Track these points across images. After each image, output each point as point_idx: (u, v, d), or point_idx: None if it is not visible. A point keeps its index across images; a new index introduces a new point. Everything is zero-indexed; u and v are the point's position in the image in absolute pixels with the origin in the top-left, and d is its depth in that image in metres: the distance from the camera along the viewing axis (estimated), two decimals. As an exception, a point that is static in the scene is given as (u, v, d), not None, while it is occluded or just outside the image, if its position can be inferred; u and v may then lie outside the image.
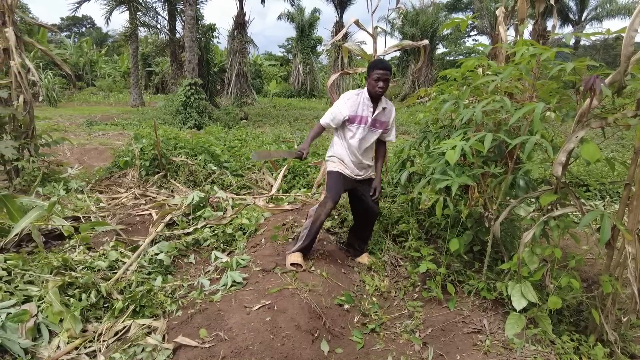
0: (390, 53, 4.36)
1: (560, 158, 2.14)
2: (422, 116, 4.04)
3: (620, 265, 2.44)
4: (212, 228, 3.88)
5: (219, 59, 27.83)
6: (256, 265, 3.17)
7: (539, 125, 1.99)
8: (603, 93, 2.05)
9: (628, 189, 2.39)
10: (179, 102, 13.79)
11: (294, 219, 4.01)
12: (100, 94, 28.75)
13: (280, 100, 27.61)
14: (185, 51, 14.13)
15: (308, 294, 2.78)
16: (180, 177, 5.65)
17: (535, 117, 1.98)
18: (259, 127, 12.95)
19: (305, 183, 5.57)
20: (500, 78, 2.39)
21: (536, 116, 1.98)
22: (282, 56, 48.30)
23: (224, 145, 6.66)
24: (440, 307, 2.92)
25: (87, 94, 28.72)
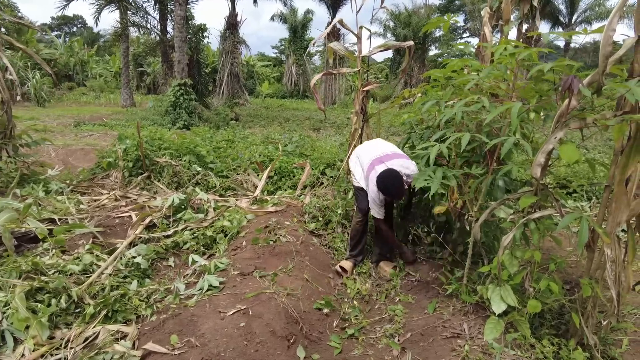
0: (376, 53, 4.31)
1: (539, 159, 2.10)
2: (406, 117, 4.01)
3: (600, 267, 2.41)
4: (192, 231, 3.80)
5: (211, 60, 27.69)
6: (235, 269, 3.10)
7: (516, 124, 1.95)
8: (582, 93, 2.01)
9: (608, 190, 2.36)
10: (168, 102, 13.67)
11: (277, 221, 3.95)
12: (91, 94, 28.46)
13: (273, 101, 27.51)
14: (175, 51, 14.02)
15: (286, 299, 2.72)
16: (164, 179, 5.56)
17: (513, 116, 1.94)
18: (249, 128, 12.86)
19: (292, 184, 5.51)
20: (479, 77, 2.35)
21: (513, 115, 1.94)
22: (275, 57, 48.19)
23: (210, 146, 6.57)
24: (421, 311, 2.88)
25: (77, 94, 28.42)
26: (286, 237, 3.63)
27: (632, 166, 1.99)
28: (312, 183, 5.46)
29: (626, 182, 2.20)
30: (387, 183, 3.09)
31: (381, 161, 3.26)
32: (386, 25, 29.09)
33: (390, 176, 3.10)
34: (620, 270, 2.33)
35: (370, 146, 3.64)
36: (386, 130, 12.16)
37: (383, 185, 3.10)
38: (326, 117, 5.16)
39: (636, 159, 1.98)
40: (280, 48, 48.11)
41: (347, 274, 3.44)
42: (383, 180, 3.10)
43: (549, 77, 2.41)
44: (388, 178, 3.10)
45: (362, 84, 4.35)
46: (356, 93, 4.46)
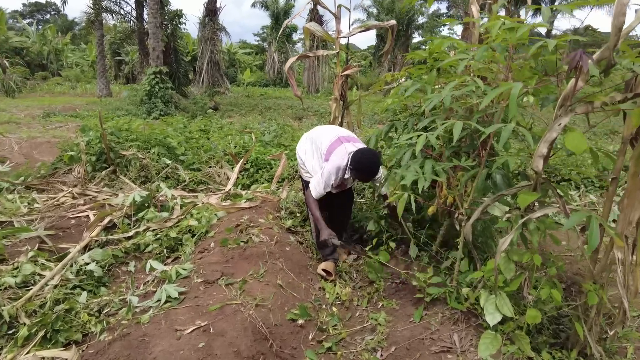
0: (356, 34, 3.97)
1: (541, 150, 1.81)
2: (389, 102, 3.68)
3: (605, 270, 2.15)
4: (155, 231, 3.44)
5: (191, 48, 26.86)
6: (199, 276, 2.77)
7: (515, 109, 1.65)
8: (589, 72, 1.71)
9: (614, 183, 2.09)
10: (143, 91, 13.09)
11: (251, 218, 3.61)
12: (67, 85, 27.43)
13: (255, 90, 26.93)
14: (149, 38, 13.38)
15: (254, 311, 2.39)
16: (131, 173, 5.15)
17: (512, 99, 1.63)
18: (228, 117, 12.41)
19: (269, 176, 5.16)
20: (472, 56, 2.03)
21: (512, 98, 1.63)
22: (257, 45, 47.18)
23: (182, 137, 6.16)
24: (407, 319, 2.59)
25: (52, 84, 27.34)
26: (259, 236, 3.30)
27: (649, 156, 1.71)
28: (291, 175, 5.13)
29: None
30: (366, 161, 2.86)
31: (349, 141, 3.10)
32: (369, 12, 28.65)
33: (371, 154, 2.90)
34: (628, 273, 2.07)
35: (329, 128, 3.46)
36: (369, 118, 11.86)
37: (361, 162, 2.87)
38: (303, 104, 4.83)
39: (655, 148, 1.69)
40: (262, 35, 47.08)
41: (332, 275, 3.14)
42: (363, 155, 2.88)
43: (551, 56, 2.10)
44: (369, 155, 2.88)
45: (341, 68, 4.01)
46: (335, 78, 4.12)
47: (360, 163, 2.89)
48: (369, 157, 2.89)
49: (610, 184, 2.09)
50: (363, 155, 2.91)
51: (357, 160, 2.90)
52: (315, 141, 3.31)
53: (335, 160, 3.01)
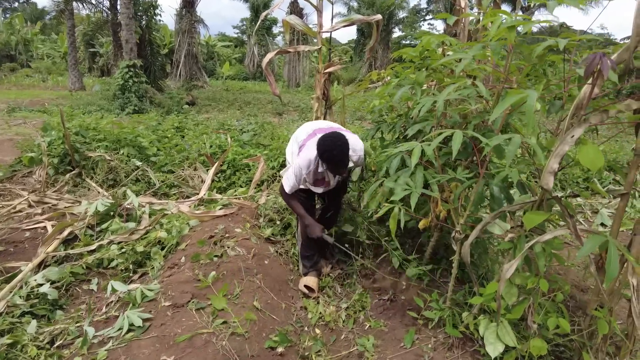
0: (339, 28, 3.70)
1: (551, 165, 1.59)
2: (376, 104, 3.45)
3: (615, 294, 1.97)
4: (120, 244, 3.13)
5: (168, 40, 26.07)
6: (166, 298, 2.48)
7: (532, 120, 1.42)
8: (610, 78, 1.50)
9: (625, 199, 1.90)
10: (116, 86, 12.52)
11: (226, 227, 3.33)
12: (37, 77, 26.28)
13: (234, 83, 26.37)
14: (122, 30, 12.79)
15: (228, 340, 2.13)
16: (98, 176, 4.78)
17: (528, 111, 1.40)
18: (205, 113, 11.99)
19: (248, 179, 4.87)
20: (470, 55, 1.80)
21: (529, 110, 1.40)
22: (237, 37, 46.31)
23: (154, 136, 5.79)
24: (397, 343, 2.37)
25: (21, 76, 26.16)
26: (235, 249, 3.03)
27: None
28: (271, 178, 4.85)
29: None
30: (329, 146, 2.50)
31: (324, 130, 2.77)
32: (350, 6, 28.33)
33: (336, 138, 2.53)
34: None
35: (311, 123, 3.15)
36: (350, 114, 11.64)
37: (324, 149, 2.51)
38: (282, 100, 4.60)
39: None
40: (241, 28, 46.24)
41: (315, 292, 2.90)
42: (325, 142, 2.52)
43: (555, 57, 1.89)
44: (332, 140, 2.52)
45: (324, 65, 3.75)
46: (317, 76, 3.85)
47: (324, 150, 2.52)
48: (334, 142, 2.52)
49: (621, 199, 1.90)
50: (326, 140, 2.54)
51: (321, 147, 2.53)
52: (296, 139, 3.03)
53: (305, 152, 2.72)
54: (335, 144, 2.51)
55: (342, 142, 2.52)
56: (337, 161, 2.55)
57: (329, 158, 2.54)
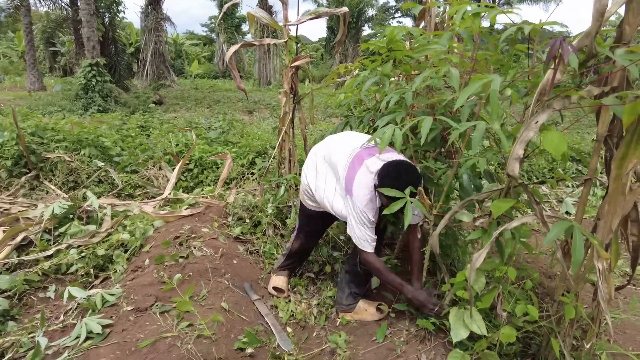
0: (305, 21, 3.64)
1: (516, 151, 1.58)
2: (342, 97, 3.41)
3: (581, 279, 2.00)
4: (79, 249, 2.97)
5: (134, 39, 25.34)
6: (129, 302, 2.36)
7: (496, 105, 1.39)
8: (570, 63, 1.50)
9: (588, 184, 1.93)
10: (78, 85, 12.04)
11: (192, 227, 3.22)
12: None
13: (203, 82, 25.89)
14: (83, 27, 12.29)
15: (194, 344, 2.04)
16: (57, 178, 4.56)
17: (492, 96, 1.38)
18: (173, 112, 11.70)
19: (216, 177, 4.75)
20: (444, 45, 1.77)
21: (493, 95, 1.38)
22: (206, 35, 45.49)
23: (117, 136, 5.57)
24: (368, 338, 2.33)
25: (-26, 77, 24.83)
26: (202, 249, 2.93)
27: (633, 158, 1.53)
28: (240, 175, 4.75)
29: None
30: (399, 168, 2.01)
31: (371, 154, 2.19)
32: (319, 3, 28.30)
33: (404, 165, 2.05)
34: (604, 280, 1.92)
35: (345, 138, 2.47)
36: (321, 111, 11.61)
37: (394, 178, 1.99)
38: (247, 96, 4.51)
39: (639, 149, 1.51)
40: (210, 26, 45.43)
41: (285, 293, 2.81)
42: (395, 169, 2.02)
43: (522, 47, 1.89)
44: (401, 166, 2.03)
45: (291, 59, 3.68)
46: (285, 70, 3.78)
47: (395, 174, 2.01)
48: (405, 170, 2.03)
49: (584, 185, 1.92)
50: (394, 169, 2.03)
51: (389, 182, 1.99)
52: (330, 157, 2.39)
53: (360, 189, 2.13)
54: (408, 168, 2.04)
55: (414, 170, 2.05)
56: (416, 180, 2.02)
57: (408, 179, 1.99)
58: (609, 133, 1.83)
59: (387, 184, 1.99)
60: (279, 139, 3.93)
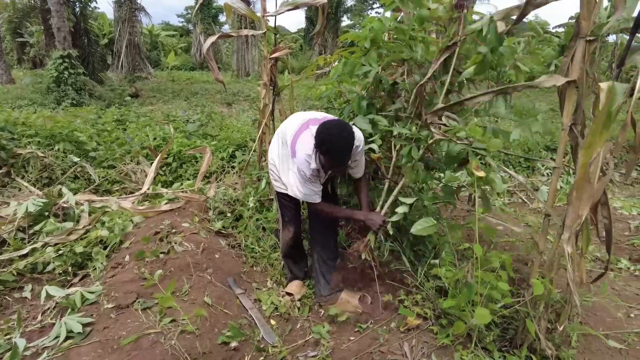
0: (284, 12, 3.61)
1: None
2: (322, 89, 3.41)
3: (553, 262, 2.07)
4: (56, 246, 2.90)
5: (107, 30, 24.60)
6: (109, 300, 2.33)
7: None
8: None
9: (557, 172, 1.99)
10: (50, 78, 11.62)
11: (172, 222, 3.18)
12: (-44, 70, 23.91)
13: (181, 74, 25.37)
14: (53, 17, 11.85)
15: (177, 339, 2.03)
16: (31, 174, 4.42)
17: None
18: (150, 105, 11.45)
19: (195, 171, 4.69)
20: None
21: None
22: (182, 26, 44.49)
23: (93, 130, 5.43)
24: (352, 329, 2.37)
25: (-63, 69, 23.68)
26: (183, 244, 2.91)
27: (598, 146, 1.58)
28: (220, 169, 4.71)
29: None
30: (334, 135, 2.07)
31: (318, 121, 2.28)
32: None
33: (342, 127, 2.11)
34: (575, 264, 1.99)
35: (299, 114, 2.64)
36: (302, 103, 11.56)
37: (326, 139, 2.07)
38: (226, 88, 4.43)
39: (604, 137, 1.57)
40: (186, 17, 44.42)
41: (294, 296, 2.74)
42: (328, 130, 2.09)
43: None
44: (337, 128, 2.09)
45: (270, 50, 3.65)
46: (264, 61, 3.74)
47: (325, 139, 2.07)
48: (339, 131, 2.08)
49: (553, 173, 1.98)
50: (330, 129, 2.09)
51: (323, 136, 2.08)
52: (283, 136, 2.52)
53: (301, 149, 2.26)
54: (340, 134, 2.09)
55: (349, 132, 2.13)
56: (340, 155, 2.11)
57: (329, 150, 2.09)
58: (573, 122, 1.90)
59: (322, 142, 2.08)
60: (259, 131, 3.91)
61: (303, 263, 2.95)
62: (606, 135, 1.62)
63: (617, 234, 4.02)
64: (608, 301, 2.76)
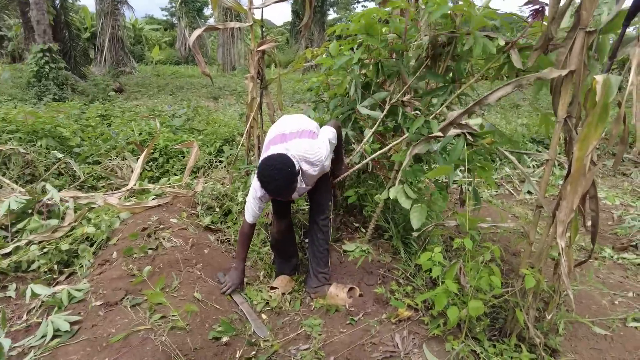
0: (271, 4, 3.56)
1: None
2: (314, 80, 3.39)
3: (542, 255, 2.09)
4: (41, 244, 2.84)
5: (89, 23, 24.08)
6: (97, 297, 2.29)
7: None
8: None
9: (549, 165, 2.01)
10: (30, 73, 11.36)
11: (160, 218, 3.14)
12: None
13: (165, 68, 25.01)
14: (31, 9, 11.55)
15: (168, 335, 2.01)
16: (12, 172, 4.32)
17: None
18: (135, 100, 11.29)
19: (182, 166, 4.64)
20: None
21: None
22: (166, 20, 43.77)
23: (77, 125, 5.32)
24: (343, 321, 2.38)
25: None
26: (171, 240, 2.87)
27: (594, 139, 1.60)
28: (207, 164, 4.66)
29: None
30: (265, 172, 2.14)
31: (281, 140, 2.41)
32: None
33: (273, 163, 2.16)
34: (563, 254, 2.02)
35: (277, 124, 2.69)
36: (289, 97, 11.52)
37: (261, 175, 2.16)
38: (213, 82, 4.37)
39: (600, 130, 1.58)
40: (170, 10, 43.69)
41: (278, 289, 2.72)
42: (263, 168, 2.16)
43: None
44: (269, 166, 2.15)
45: (256, 43, 3.60)
46: (251, 55, 3.70)
47: (262, 180, 2.16)
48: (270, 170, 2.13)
49: (545, 165, 2.01)
50: (262, 168, 2.17)
51: (259, 176, 2.17)
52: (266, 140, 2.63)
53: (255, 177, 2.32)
54: (275, 176, 2.13)
55: (287, 172, 2.15)
56: (273, 191, 2.20)
57: (266, 188, 2.19)
58: (567, 115, 1.91)
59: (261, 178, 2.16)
60: (247, 125, 3.87)
61: (292, 258, 2.92)
62: (602, 128, 1.63)
63: (601, 224, 4.08)
64: (593, 289, 2.82)
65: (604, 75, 1.56)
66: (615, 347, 2.27)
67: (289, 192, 2.20)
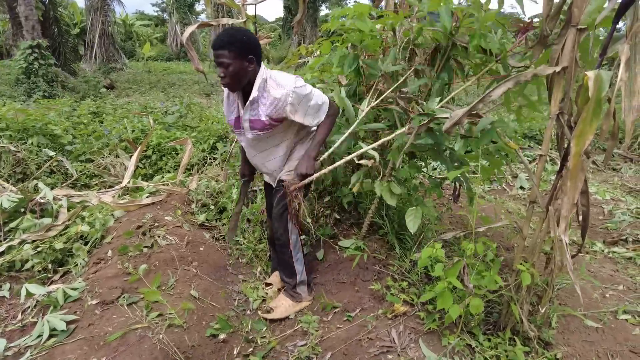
0: (263, 0, 3.55)
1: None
2: (308, 77, 3.38)
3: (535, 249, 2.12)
4: (34, 243, 2.82)
5: (79, 19, 23.77)
6: (93, 296, 2.29)
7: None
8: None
9: (542, 160, 2.04)
10: (19, 69, 11.19)
11: (155, 216, 3.13)
12: None
13: (157, 65, 24.79)
14: (19, 4, 11.36)
15: (165, 333, 2.01)
16: (3, 170, 4.27)
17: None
18: (126, 96, 11.19)
19: (176, 163, 4.62)
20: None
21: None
22: (157, 15, 43.37)
23: (68, 123, 5.27)
24: (340, 317, 2.39)
25: None
26: (166, 238, 2.87)
27: (589, 134, 1.62)
28: (201, 161, 4.65)
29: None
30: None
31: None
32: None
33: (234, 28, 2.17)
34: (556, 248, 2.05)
35: None
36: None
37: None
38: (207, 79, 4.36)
39: (594, 125, 1.60)
40: (161, 6, 43.30)
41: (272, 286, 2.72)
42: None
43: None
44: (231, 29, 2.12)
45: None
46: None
47: None
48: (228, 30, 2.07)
49: (538, 160, 2.03)
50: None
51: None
52: None
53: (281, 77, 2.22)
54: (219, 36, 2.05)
55: (233, 31, 2.07)
56: (215, 41, 2.03)
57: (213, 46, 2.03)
58: (560, 111, 1.94)
59: None
60: (241, 122, 3.85)
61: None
62: (596, 123, 1.65)
63: (592, 218, 4.15)
64: (585, 282, 2.86)
65: (595, 71, 1.58)
66: (606, 339, 2.30)
67: (228, 45, 2.00)
